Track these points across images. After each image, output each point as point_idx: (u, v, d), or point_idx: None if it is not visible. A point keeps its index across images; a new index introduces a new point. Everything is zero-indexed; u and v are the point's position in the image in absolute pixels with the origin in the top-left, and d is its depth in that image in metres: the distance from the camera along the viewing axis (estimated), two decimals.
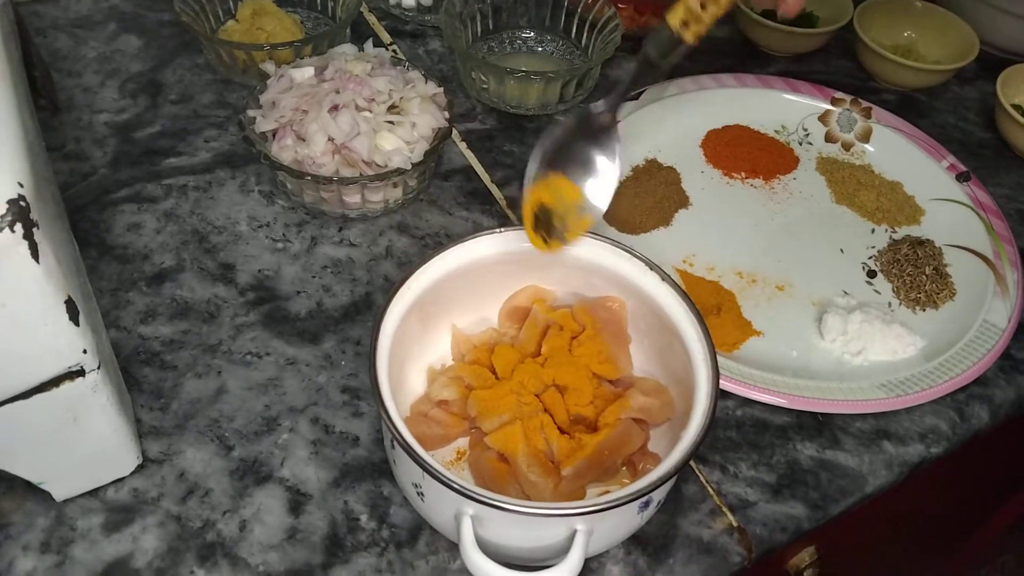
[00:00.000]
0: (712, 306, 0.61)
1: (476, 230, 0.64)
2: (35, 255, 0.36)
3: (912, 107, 0.81)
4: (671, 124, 0.74)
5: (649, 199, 0.68)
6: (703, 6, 0.45)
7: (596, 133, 0.50)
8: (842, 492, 0.54)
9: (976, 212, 0.69)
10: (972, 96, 0.83)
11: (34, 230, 0.36)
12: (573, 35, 0.79)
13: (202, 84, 0.74)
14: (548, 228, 0.49)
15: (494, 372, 0.51)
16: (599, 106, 0.50)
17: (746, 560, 0.50)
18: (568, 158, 0.50)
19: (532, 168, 0.49)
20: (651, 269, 0.51)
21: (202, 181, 0.66)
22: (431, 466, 0.41)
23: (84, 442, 0.46)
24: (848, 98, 0.76)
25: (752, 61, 0.84)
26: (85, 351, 0.42)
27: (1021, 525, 1.03)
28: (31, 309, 0.38)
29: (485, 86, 0.73)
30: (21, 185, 0.36)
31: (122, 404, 0.48)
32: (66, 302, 0.39)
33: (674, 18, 0.46)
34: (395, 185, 0.63)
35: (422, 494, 0.45)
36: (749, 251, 0.66)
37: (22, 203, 0.35)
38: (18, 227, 0.35)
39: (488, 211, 0.67)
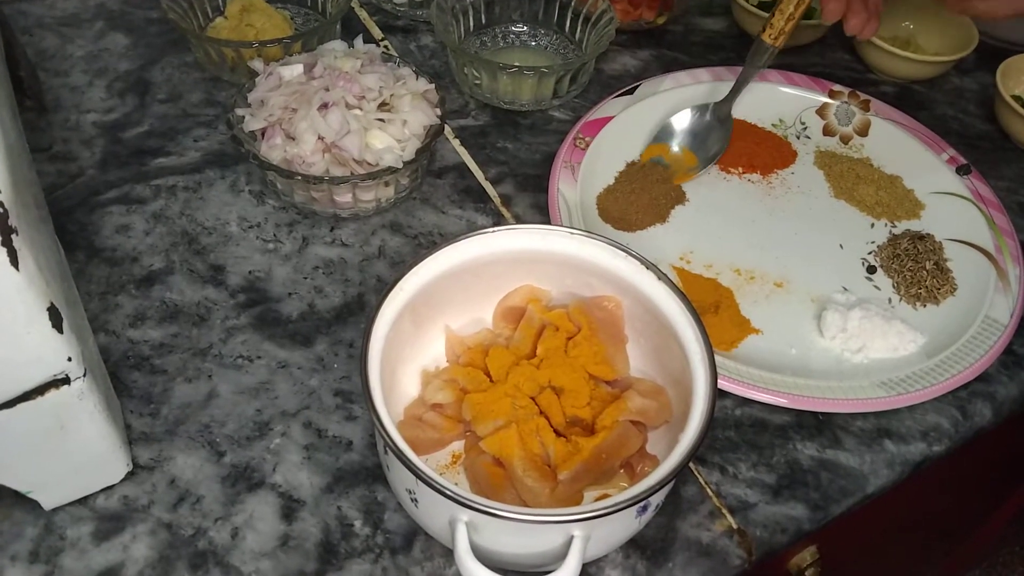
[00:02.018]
0: (710, 304, 0.60)
1: (470, 228, 0.64)
2: (14, 262, 0.35)
3: (911, 99, 0.80)
4: (667, 118, 0.73)
5: (645, 196, 0.67)
6: (787, 22, 0.66)
7: (715, 120, 0.71)
8: (843, 492, 0.53)
9: (977, 206, 0.68)
10: (971, 87, 0.82)
11: (13, 236, 0.35)
12: (567, 29, 0.78)
13: (191, 82, 0.73)
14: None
15: (488, 374, 0.51)
16: (720, 103, 0.71)
17: (746, 562, 0.50)
18: (690, 134, 0.71)
19: (658, 129, 0.71)
20: (647, 268, 0.50)
21: (191, 181, 0.65)
22: (425, 473, 0.40)
23: (72, 450, 0.45)
24: (846, 91, 0.75)
25: (748, 53, 0.83)
26: (70, 359, 0.41)
27: (1021, 519, 1.03)
28: (12, 317, 0.37)
29: (478, 82, 0.72)
30: None
31: (110, 410, 0.47)
32: (48, 309, 0.38)
33: (768, 36, 0.67)
34: (387, 184, 0.62)
35: (416, 500, 0.44)
36: (747, 247, 0.65)
37: (0, 209, 0.34)
38: None
39: (482, 209, 0.66)
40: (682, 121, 0.71)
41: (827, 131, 0.75)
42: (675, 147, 0.70)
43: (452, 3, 0.74)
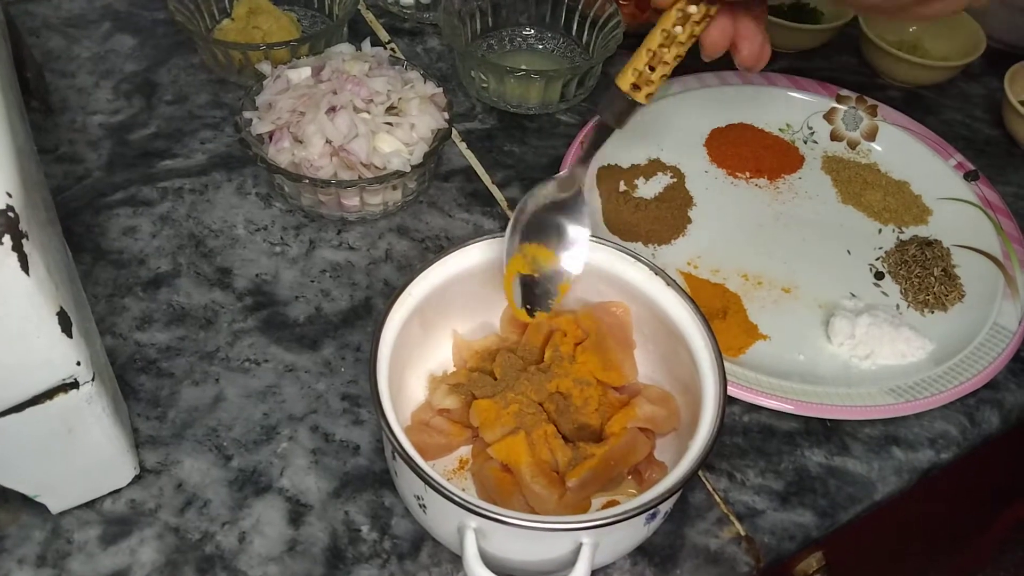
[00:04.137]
0: (717, 309, 0.60)
1: (477, 232, 0.64)
2: (25, 267, 0.35)
3: (918, 104, 0.80)
4: (674, 123, 0.73)
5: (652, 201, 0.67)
6: (651, 68, 0.44)
7: (564, 200, 0.50)
8: (851, 499, 0.53)
9: (984, 212, 0.68)
10: (979, 92, 0.82)
11: (24, 241, 0.35)
12: (574, 32, 0.78)
13: (197, 84, 0.73)
14: (532, 299, 0.50)
15: (496, 379, 0.50)
16: (563, 175, 0.50)
17: (754, 569, 0.50)
18: (540, 228, 0.50)
19: (507, 244, 0.49)
20: (656, 274, 0.50)
21: (198, 184, 0.65)
22: (433, 479, 0.40)
23: (80, 454, 0.45)
24: (853, 95, 0.75)
25: None
26: (79, 363, 0.41)
27: None
28: (22, 322, 0.37)
29: (485, 85, 0.72)
30: (10, 195, 0.35)
31: (118, 414, 0.47)
32: (58, 314, 0.38)
33: (624, 83, 0.45)
34: (394, 187, 0.62)
35: (424, 506, 0.44)
36: (755, 253, 0.65)
37: (11, 214, 0.34)
38: (7, 239, 0.34)
39: (489, 212, 0.66)
40: (524, 216, 0.50)
41: (834, 136, 0.75)
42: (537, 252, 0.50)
43: (459, 6, 0.74)
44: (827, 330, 0.60)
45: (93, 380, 0.42)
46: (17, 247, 0.35)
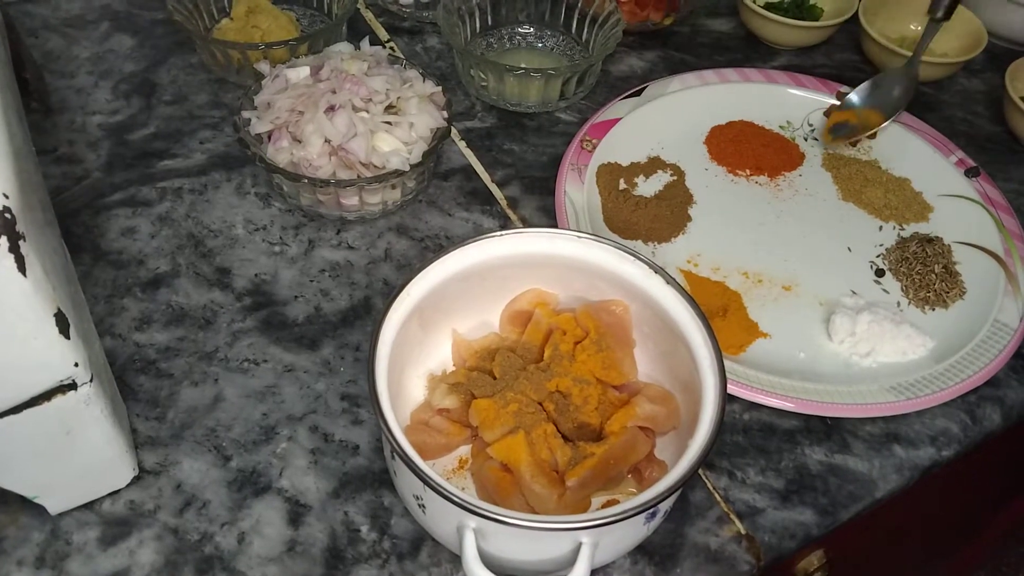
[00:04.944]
0: (718, 307, 0.60)
1: (476, 231, 0.64)
2: (22, 268, 0.35)
3: (919, 101, 0.80)
4: (674, 120, 0.72)
5: (652, 199, 0.67)
6: None
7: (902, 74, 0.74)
8: (852, 497, 0.53)
9: (986, 208, 0.67)
10: (980, 89, 0.82)
11: (20, 242, 0.35)
12: (573, 30, 0.78)
13: (196, 84, 0.73)
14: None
15: (495, 379, 0.50)
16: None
17: (755, 568, 0.49)
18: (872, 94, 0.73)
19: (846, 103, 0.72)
20: (655, 272, 0.49)
21: (197, 184, 0.65)
22: (433, 479, 0.40)
23: (78, 455, 0.45)
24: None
25: (755, 55, 0.83)
26: (77, 364, 0.41)
27: None
28: (19, 323, 0.37)
29: (484, 84, 0.72)
30: (6, 196, 0.35)
31: (117, 415, 0.47)
32: (56, 315, 0.38)
33: None
34: (393, 187, 0.62)
35: (423, 506, 0.44)
36: (755, 250, 0.65)
37: (7, 215, 0.34)
38: (3, 240, 0.34)
39: (488, 211, 0.66)
40: (863, 89, 0.73)
41: None
42: (859, 110, 0.72)
43: (458, 4, 0.74)
44: (828, 328, 0.60)
45: (91, 381, 0.42)
46: (14, 248, 0.35)
